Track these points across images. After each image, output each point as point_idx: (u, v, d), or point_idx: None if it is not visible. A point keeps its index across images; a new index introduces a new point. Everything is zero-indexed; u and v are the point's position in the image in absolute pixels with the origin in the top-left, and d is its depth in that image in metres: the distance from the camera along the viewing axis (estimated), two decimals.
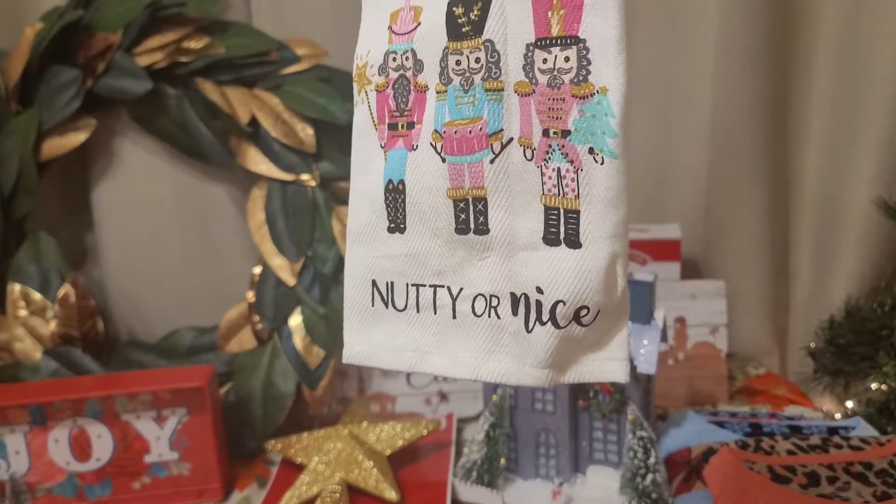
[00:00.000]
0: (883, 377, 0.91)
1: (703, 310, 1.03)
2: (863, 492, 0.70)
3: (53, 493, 0.86)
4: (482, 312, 0.50)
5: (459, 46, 0.47)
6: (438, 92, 0.48)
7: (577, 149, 0.44)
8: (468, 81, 0.47)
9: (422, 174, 0.50)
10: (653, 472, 0.77)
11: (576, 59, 0.42)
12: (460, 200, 0.48)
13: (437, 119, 0.48)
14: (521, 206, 0.47)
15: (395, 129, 0.51)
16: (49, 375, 0.94)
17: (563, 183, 0.44)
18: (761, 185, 1.08)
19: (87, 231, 1.10)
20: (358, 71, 0.52)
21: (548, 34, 0.43)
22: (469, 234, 0.49)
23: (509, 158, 0.47)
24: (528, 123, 0.45)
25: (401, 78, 0.50)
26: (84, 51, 0.97)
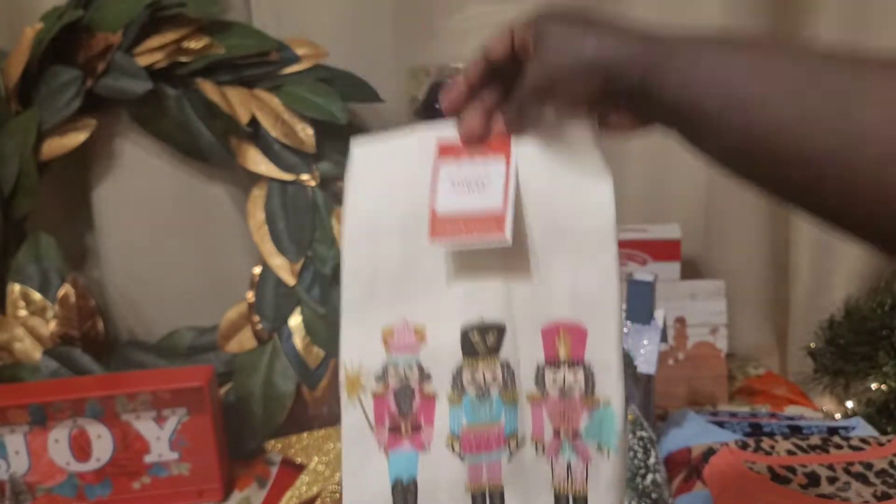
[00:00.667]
0: (883, 377, 0.91)
1: (702, 310, 1.03)
2: (863, 492, 0.70)
3: (53, 493, 0.86)
4: None
5: (475, 363, 0.51)
6: (451, 400, 0.52)
7: (588, 447, 0.50)
8: (484, 392, 0.51)
9: (437, 474, 0.52)
10: (653, 472, 0.77)
11: (583, 377, 0.49)
12: (478, 493, 0.52)
13: (454, 423, 0.52)
14: (534, 495, 0.51)
15: (398, 430, 0.53)
16: (49, 375, 0.94)
17: (573, 474, 0.50)
18: None
19: (87, 231, 1.09)
20: (349, 377, 0.54)
21: (556, 358, 0.50)
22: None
23: (524, 454, 0.51)
24: (540, 425, 0.51)
25: (404, 387, 0.53)
26: (84, 51, 0.97)
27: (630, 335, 0.82)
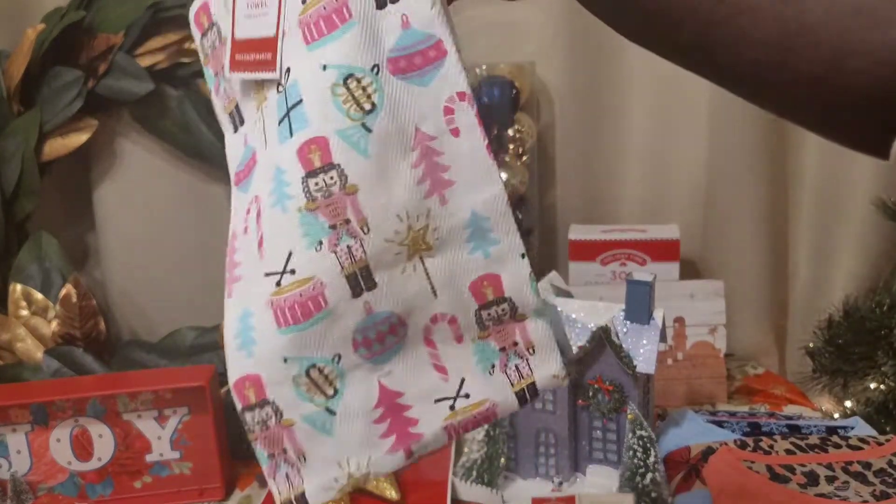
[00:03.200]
0: (881, 377, 0.91)
1: (701, 310, 1.03)
2: (861, 491, 0.70)
3: (55, 492, 0.86)
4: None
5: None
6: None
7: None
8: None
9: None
10: (652, 472, 0.77)
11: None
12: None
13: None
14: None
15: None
16: (51, 375, 0.94)
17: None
18: (760, 185, 1.09)
19: (89, 231, 1.10)
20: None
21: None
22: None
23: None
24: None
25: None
26: (86, 52, 0.97)
27: (629, 335, 0.82)
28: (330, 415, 0.44)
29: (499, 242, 0.44)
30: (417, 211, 0.42)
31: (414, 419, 0.45)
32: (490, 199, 0.43)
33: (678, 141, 1.12)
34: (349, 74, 0.41)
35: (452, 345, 0.45)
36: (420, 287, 0.44)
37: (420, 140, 0.42)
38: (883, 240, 1.04)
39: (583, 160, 1.15)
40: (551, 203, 1.19)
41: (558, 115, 1.15)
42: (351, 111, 0.41)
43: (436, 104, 0.42)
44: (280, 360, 0.43)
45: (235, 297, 0.46)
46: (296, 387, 0.43)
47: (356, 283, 0.42)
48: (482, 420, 0.46)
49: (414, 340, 0.45)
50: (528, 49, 1.11)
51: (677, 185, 1.14)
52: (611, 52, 1.10)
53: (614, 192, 1.17)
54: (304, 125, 0.42)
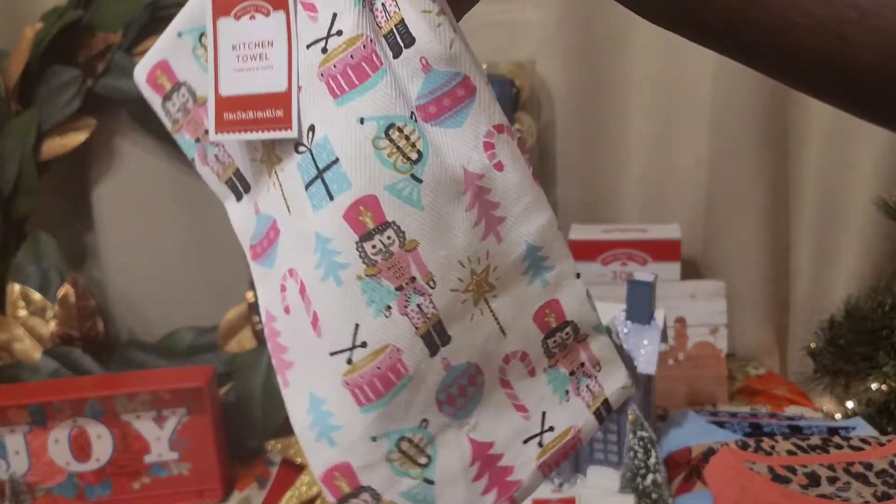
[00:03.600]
0: (883, 377, 0.91)
1: (703, 310, 1.03)
2: (863, 492, 0.70)
3: (53, 493, 0.86)
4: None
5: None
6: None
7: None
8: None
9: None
10: (653, 473, 0.77)
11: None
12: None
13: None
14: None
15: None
16: (49, 375, 0.94)
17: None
18: (761, 185, 1.08)
19: (87, 231, 1.09)
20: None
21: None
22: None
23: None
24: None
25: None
26: (84, 51, 0.97)
27: (630, 335, 0.82)
28: (429, 485, 0.42)
29: (554, 268, 0.43)
30: (478, 254, 0.41)
31: (509, 467, 0.44)
32: (543, 228, 0.42)
33: (679, 140, 1.12)
34: (390, 125, 0.39)
35: (527, 380, 0.44)
36: (490, 330, 0.42)
37: (470, 181, 0.40)
38: (884, 240, 1.04)
39: (583, 159, 1.15)
40: (552, 203, 1.16)
41: (559, 114, 1.14)
42: (398, 164, 0.39)
43: (475, 142, 0.40)
44: (368, 441, 0.41)
45: (295, 386, 0.43)
46: (389, 464, 0.42)
47: (431, 341, 0.41)
48: (570, 450, 0.45)
49: (491, 386, 0.43)
50: (529, 48, 1.11)
51: (678, 184, 1.13)
52: (612, 51, 1.10)
53: (615, 191, 1.16)
54: (347, 186, 0.38)
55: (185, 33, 0.45)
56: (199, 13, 0.43)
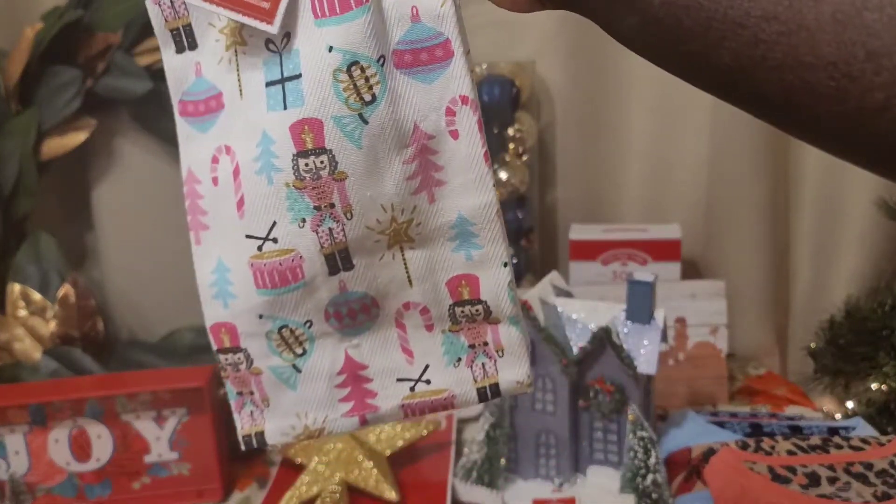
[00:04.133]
0: (883, 377, 0.91)
1: (703, 310, 1.03)
2: (863, 492, 0.70)
3: (53, 493, 0.86)
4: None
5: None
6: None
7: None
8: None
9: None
10: (653, 473, 0.77)
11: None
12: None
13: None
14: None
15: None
16: (49, 375, 0.94)
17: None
18: (762, 185, 1.08)
19: (87, 231, 1.09)
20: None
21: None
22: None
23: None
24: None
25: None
26: (84, 51, 0.97)
27: (630, 335, 0.82)
28: (295, 371, 0.47)
29: (482, 248, 0.44)
30: (403, 205, 0.43)
31: (373, 391, 0.47)
32: (480, 206, 0.43)
33: (680, 140, 1.12)
34: (354, 62, 0.40)
35: (422, 332, 0.47)
36: (396, 275, 0.45)
37: (417, 137, 0.42)
38: (885, 239, 1.04)
39: (583, 159, 1.15)
40: (552, 202, 1.18)
41: (559, 114, 1.14)
42: (350, 100, 0.41)
43: (438, 104, 0.42)
44: (255, 316, 0.46)
45: (206, 246, 0.48)
46: (268, 341, 0.46)
47: (334, 262, 0.44)
48: (438, 407, 0.47)
49: (385, 321, 0.46)
50: (529, 48, 1.11)
51: (679, 184, 1.13)
52: (612, 51, 1.09)
53: (615, 191, 1.16)
54: (301, 103, 0.41)
55: None
56: None
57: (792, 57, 0.32)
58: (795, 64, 0.32)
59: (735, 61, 0.33)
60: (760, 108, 0.36)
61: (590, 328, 0.82)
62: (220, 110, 0.45)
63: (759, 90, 0.34)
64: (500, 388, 0.47)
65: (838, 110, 0.32)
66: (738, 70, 0.34)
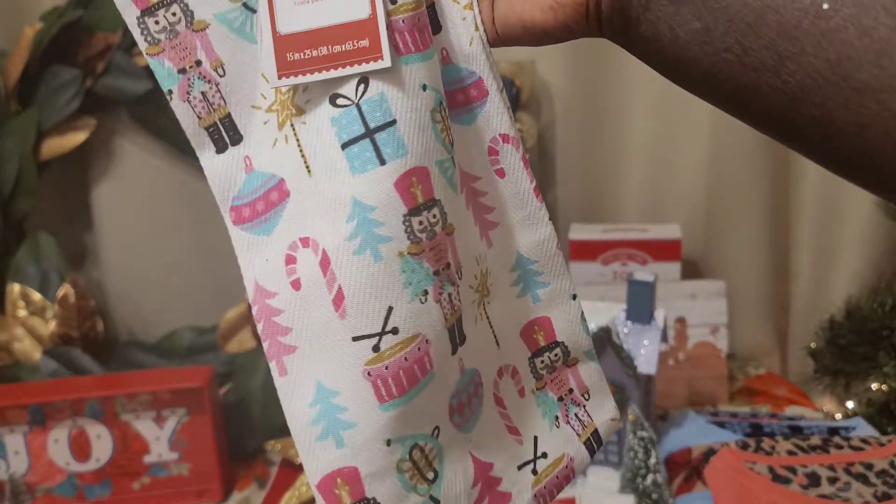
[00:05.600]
0: (883, 377, 0.91)
1: (703, 310, 1.03)
2: (863, 492, 0.70)
3: (53, 493, 0.86)
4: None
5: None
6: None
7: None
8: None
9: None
10: (653, 473, 0.77)
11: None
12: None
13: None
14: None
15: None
16: (48, 375, 0.94)
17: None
18: (762, 185, 1.08)
19: (87, 231, 1.09)
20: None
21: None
22: None
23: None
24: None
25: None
26: (84, 51, 0.97)
27: (630, 335, 0.82)
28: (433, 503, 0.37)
29: (548, 285, 0.40)
30: (479, 253, 0.39)
31: (507, 493, 0.40)
32: (538, 242, 0.40)
33: (680, 140, 1.12)
34: (441, 101, 0.36)
35: (517, 401, 0.41)
36: (488, 337, 0.39)
37: (465, 181, 0.38)
38: (885, 239, 1.04)
39: (584, 159, 1.15)
40: (552, 202, 1.18)
41: (559, 114, 1.14)
42: (446, 141, 0.36)
43: (480, 145, 0.38)
44: (383, 443, 0.35)
45: (297, 374, 0.37)
46: (399, 475, 0.35)
47: (454, 336, 0.36)
48: (563, 480, 0.42)
49: (488, 402, 0.40)
50: (529, 47, 1.10)
51: (679, 184, 1.13)
52: (612, 51, 1.09)
53: (615, 191, 1.16)
54: (403, 152, 0.34)
55: None
56: None
57: (880, 76, 0.29)
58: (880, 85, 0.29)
59: (805, 77, 0.30)
60: (839, 168, 0.34)
61: (590, 328, 0.82)
62: (286, 199, 0.37)
63: (840, 152, 0.32)
64: (599, 433, 0.43)
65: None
66: (808, 88, 0.31)
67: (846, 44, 0.29)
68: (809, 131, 0.32)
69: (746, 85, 0.32)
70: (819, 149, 0.33)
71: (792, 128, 0.33)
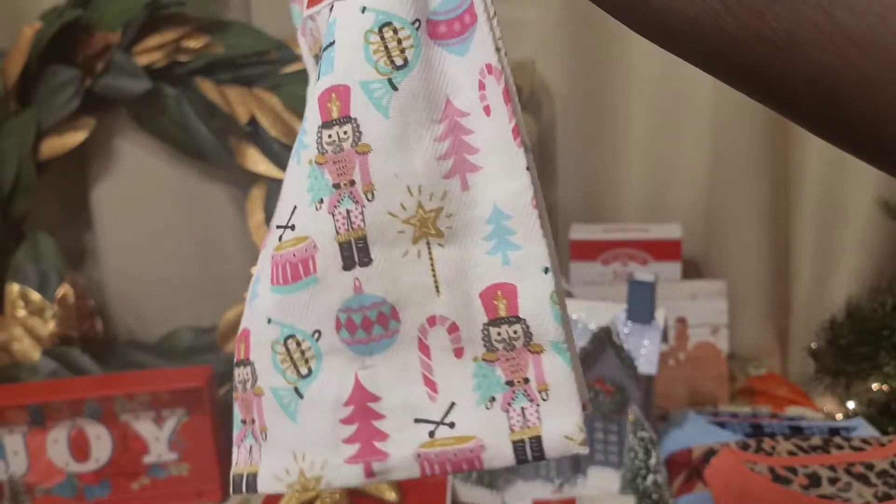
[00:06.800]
0: (884, 377, 0.91)
1: (703, 310, 1.03)
2: (864, 492, 0.70)
3: (52, 493, 0.85)
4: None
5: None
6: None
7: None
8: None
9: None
10: (654, 473, 0.77)
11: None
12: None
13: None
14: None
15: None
16: (48, 376, 0.93)
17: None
18: (762, 185, 1.08)
19: (86, 231, 1.09)
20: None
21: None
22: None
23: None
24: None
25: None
26: (83, 50, 0.97)
27: (630, 335, 0.82)
28: (297, 396, 0.39)
29: (521, 248, 0.37)
30: (432, 189, 0.37)
31: (384, 432, 0.38)
32: (512, 194, 0.37)
33: (680, 140, 1.11)
34: (387, 22, 0.37)
35: (450, 358, 0.39)
36: (421, 277, 0.38)
37: (450, 113, 0.38)
38: (886, 239, 1.04)
39: (584, 159, 1.15)
40: (552, 202, 1.18)
41: (559, 114, 1.14)
42: (380, 63, 0.37)
43: (471, 77, 0.38)
44: (265, 319, 0.39)
45: (263, 255, 0.42)
46: (272, 354, 0.39)
47: (349, 253, 0.38)
48: (461, 462, 0.38)
49: (406, 341, 0.39)
50: (529, 47, 1.11)
51: (679, 184, 1.13)
52: (612, 50, 1.09)
53: (615, 191, 1.16)
54: (330, 69, 0.37)
55: None
56: None
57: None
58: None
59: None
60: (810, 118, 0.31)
61: (590, 328, 0.82)
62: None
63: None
64: (542, 443, 0.37)
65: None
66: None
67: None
68: (804, 92, 0.28)
69: (733, 35, 0.28)
70: (819, 118, 0.30)
71: (787, 89, 0.29)
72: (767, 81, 0.29)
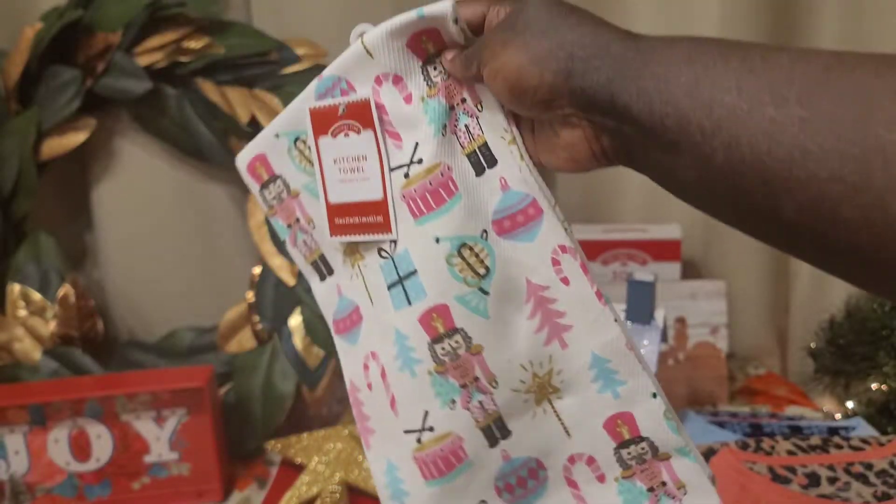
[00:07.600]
0: (883, 377, 0.91)
1: (703, 310, 1.03)
2: (863, 492, 0.70)
3: (53, 493, 0.86)
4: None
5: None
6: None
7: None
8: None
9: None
10: None
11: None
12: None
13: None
14: None
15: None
16: (49, 375, 0.94)
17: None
18: None
19: (87, 231, 1.09)
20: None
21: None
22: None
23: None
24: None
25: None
26: (84, 51, 0.97)
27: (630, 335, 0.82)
28: None
29: (626, 383, 0.44)
30: (540, 358, 0.44)
31: None
32: (608, 343, 0.44)
33: None
34: (462, 244, 0.44)
35: (596, 485, 0.46)
36: (552, 428, 0.45)
37: (532, 291, 0.44)
38: None
39: None
40: None
41: None
42: (468, 278, 0.44)
43: (543, 257, 0.44)
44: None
45: (375, 450, 0.50)
46: None
47: (491, 433, 0.45)
48: None
49: (557, 483, 0.46)
50: None
51: None
52: None
53: (615, 191, 1.16)
54: (423, 295, 0.44)
55: (281, 135, 0.51)
56: (295, 120, 0.50)
57: (861, 215, 0.30)
58: (864, 223, 0.30)
59: (798, 216, 0.32)
60: (828, 261, 0.34)
61: None
62: (361, 321, 0.49)
63: (825, 245, 0.32)
64: None
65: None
66: (802, 225, 0.32)
67: (829, 181, 0.30)
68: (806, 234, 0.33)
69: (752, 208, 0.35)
70: (823, 259, 0.34)
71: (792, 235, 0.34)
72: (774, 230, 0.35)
